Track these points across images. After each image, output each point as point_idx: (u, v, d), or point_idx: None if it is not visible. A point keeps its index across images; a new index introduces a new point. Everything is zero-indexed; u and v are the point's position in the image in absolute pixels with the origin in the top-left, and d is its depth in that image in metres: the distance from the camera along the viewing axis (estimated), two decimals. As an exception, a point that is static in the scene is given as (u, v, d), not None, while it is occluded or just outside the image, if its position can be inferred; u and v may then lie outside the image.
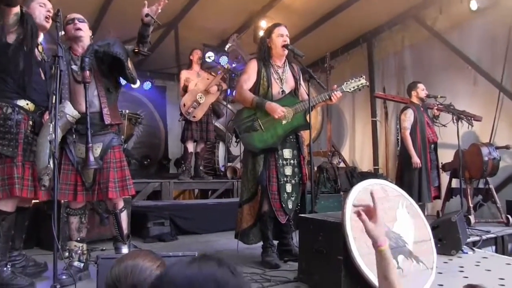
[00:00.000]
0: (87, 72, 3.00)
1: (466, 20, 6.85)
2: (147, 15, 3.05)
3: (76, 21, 3.22)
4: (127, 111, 7.02)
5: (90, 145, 3.00)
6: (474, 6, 6.46)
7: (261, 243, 3.74)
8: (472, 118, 5.62)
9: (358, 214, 1.65)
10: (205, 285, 0.81)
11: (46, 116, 3.03)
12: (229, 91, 8.07)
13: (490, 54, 6.64)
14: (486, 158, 5.62)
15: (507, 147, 5.86)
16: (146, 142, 9.44)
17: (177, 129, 8.77)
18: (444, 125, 5.76)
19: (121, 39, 5.47)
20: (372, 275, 2.53)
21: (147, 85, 9.34)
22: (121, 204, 3.32)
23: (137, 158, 8.70)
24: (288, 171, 3.63)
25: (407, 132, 5.49)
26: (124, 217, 3.35)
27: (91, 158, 3.00)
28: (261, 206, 3.59)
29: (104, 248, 4.21)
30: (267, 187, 3.55)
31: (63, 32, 3.19)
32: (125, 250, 3.30)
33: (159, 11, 3.10)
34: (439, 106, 5.68)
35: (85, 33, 3.27)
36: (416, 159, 5.38)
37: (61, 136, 2.98)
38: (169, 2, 7.02)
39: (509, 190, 6.41)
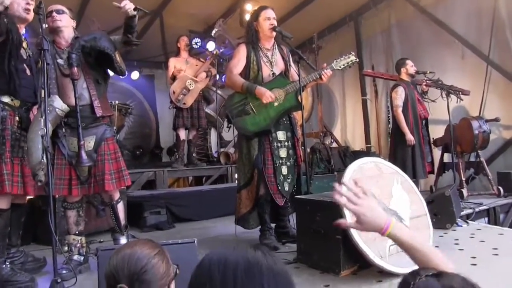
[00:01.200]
0: (75, 69, 2.96)
1: (451, -6, 6.86)
2: (135, 8, 3.00)
3: (54, 13, 3.14)
4: (116, 102, 6.98)
5: (82, 142, 2.99)
6: (458, -21, 6.46)
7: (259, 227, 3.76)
8: (460, 93, 5.63)
9: (337, 225, 1.51)
10: (237, 263, 0.92)
11: (35, 111, 3.01)
12: (218, 76, 8.04)
13: (476, 27, 6.64)
14: (476, 132, 5.66)
15: (496, 120, 5.90)
16: (138, 132, 9.42)
17: (168, 118, 8.76)
18: (433, 101, 5.77)
19: (105, 29, 5.43)
20: (370, 252, 2.56)
21: (135, 74, 9.28)
22: (117, 195, 3.32)
23: (129, 148, 8.68)
24: (283, 153, 3.63)
25: (400, 110, 5.48)
26: (120, 208, 3.35)
27: (84, 155, 2.98)
28: (258, 190, 3.60)
29: (102, 240, 4.22)
30: (263, 170, 3.56)
31: (46, 25, 3.15)
32: (123, 240, 3.32)
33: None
34: (427, 82, 5.69)
35: (65, 23, 3.19)
36: (410, 137, 5.39)
37: (52, 130, 2.95)
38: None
39: (499, 162, 6.49)
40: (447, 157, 6.14)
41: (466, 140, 5.80)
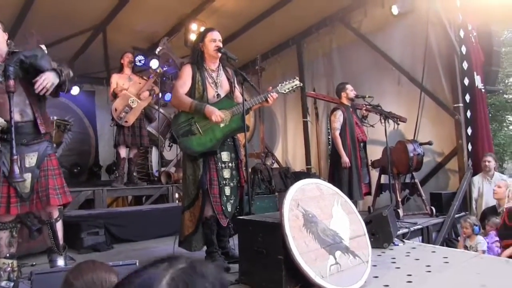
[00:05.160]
0: (11, 82, 2.79)
1: (388, 23, 7.22)
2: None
3: None
4: (55, 117, 6.74)
5: (15, 157, 2.81)
6: (395, 11, 6.84)
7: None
8: (398, 119, 5.90)
9: None
10: None
11: None
12: (160, 94, 7.97)
13: (411, 55, 7.04)
14: (411, 154, 5.93)
15: (429, 143, 6.21)
16: (76, 149, 9.12)
17: (108, 135, 8.56)
18: (372, 126, 6.00)
19: (45, 42, 5.25)
20: (311, 272, 2.60)
21: (75, 90, 8.97)
22: (56, 213, 3.22)
23: (66, 166, 8.39)
24: (226, 174, 3.63)
25: (337, 133, 5.66)
26: (59, 227, 3.24)
27: (16, 171, 2.81)
28: (203, 211, 3.56)
29: (34, 263, 4.00)
30: (208, 190, 3.54)
31: None
32: (61, 261, 3.21)
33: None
34: (367, 107, 5.92)
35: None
36: (345, 159, 5.56)
37: None
38: (97, 4, 6.91)
39: (432, 183, 6.84)
40: (384, 179, 6.37)
41: (402, 162, 6.05)
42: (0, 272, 3.01)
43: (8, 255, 3.08)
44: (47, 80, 2.91)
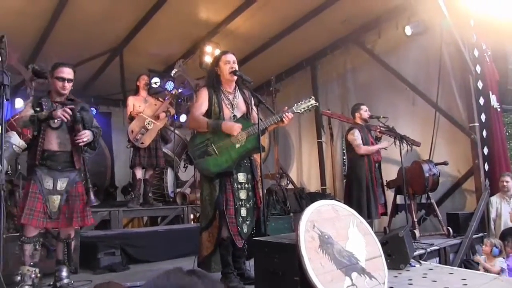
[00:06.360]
0: (80, 126, 3.59)
1: (402, 44, 7.25)
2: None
3: (66, 83, 3.61)
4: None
5: (90, 186, 3.62)
6: (408, 31, 6.86)
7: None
8: (412, 143, 5.88)
9: None
10: None
11: None
12: (175, 116, 8.05)
13: (425, 75, 7.05)
14: (427, 174, 5.89)
15: (445, 163, 6.17)
16: (92, 170, 8.95)
17: (124, 156, 8.62)
18: (385, 148, 5.97)
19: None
20: (328, 294, 2.59)
21: (92, 111, 9.12)
22: (73, 233, 3.77)
23: (82, 187, 8.45)
24: (243, 195, 3.63)
25: (362, 146, 5.67)
26: (73, 246, 3.77)
27: (92, 197, 3.60)
28: (220, 231, 3.56)
29: (52, 283, 4.04)
30: (224, 211, 3.54)
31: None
32: (65, 273, 3.67)
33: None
34: (381, 129, 5.91)
35: (69, 90, 3.69)
36: (384, 144, 5.75)
37: (6, 166, 3.10)
38: (114, 28, 7.06)
39: (448, 204, 6.76)
40: (399, 199, 6.32)
41: (418, 183, 6.01)
42: (25, 278, 3.36)
43: (31, 263, 3.45)
44: (86, 136, 3.61)
